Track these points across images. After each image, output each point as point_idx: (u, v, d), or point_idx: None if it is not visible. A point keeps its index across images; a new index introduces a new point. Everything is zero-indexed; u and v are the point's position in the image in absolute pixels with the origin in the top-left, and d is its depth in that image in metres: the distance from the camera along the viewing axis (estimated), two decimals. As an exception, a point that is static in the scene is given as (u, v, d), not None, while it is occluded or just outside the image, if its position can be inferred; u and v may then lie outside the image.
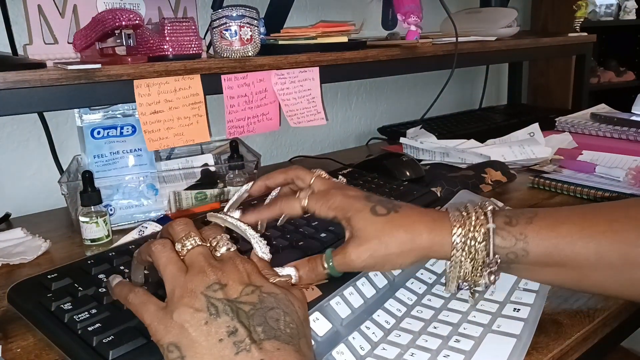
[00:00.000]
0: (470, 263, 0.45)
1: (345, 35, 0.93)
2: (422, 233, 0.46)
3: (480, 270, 0.46)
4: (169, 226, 0.43)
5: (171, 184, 0.80)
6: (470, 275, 0.46)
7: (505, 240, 0.45)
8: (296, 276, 0.47)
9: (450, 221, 0.46)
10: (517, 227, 0.45)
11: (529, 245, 0.45)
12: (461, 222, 0.46)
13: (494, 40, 1.18)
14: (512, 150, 0.97)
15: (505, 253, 0.45)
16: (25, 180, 0.88)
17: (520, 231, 0.45)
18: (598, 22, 2.25)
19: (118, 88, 0.70)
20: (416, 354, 0.42)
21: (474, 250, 0.45)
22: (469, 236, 0.45)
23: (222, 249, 0.41)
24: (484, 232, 0.45)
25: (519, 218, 0.46)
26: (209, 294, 0.37)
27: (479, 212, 0.46)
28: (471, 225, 0.45)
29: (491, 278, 0.45)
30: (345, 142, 1.30)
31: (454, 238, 0.45)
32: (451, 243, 0.45)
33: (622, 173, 0.82)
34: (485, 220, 0.45)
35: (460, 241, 0.45)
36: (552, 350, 0.43)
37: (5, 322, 0.51)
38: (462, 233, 0.45)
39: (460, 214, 0.46)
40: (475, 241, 0.45)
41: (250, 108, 0.84)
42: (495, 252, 0.45)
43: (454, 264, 0.46)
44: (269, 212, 0.52)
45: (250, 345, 0.34)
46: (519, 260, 0.45)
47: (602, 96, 1.97)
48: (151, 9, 0.84)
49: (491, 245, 0.45)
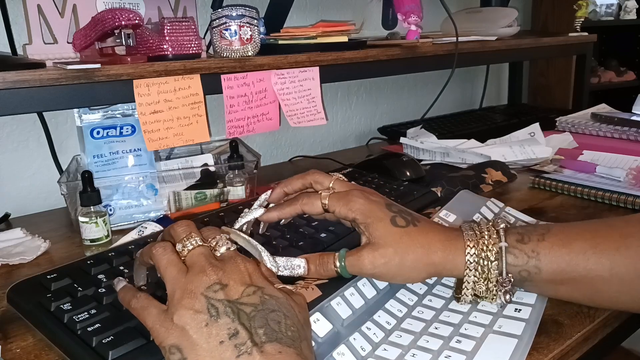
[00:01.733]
0: (484, 282, 0.46)
1: (345, 35, 0.93)
2: (437, 251, 0.46)
3: (494, 289, 0.46)
4: (171, 228, 0.43)
5: (171, 184, 0.80)
6: (483, 294, 0.46)
7: (518, 258, 0.45)
8: (305, 267, 0.47)
9: (464, 240, 0.46)
10: (529, 244, 0.45)
11: (541, 262, 0.45)
12: (475, 241, 0.46)
13: (494, 40, 1.17)
14: (512, 150, 0.97)
15: (517, 271, 0.45)
16: (25, 180, 0.88)
17: (532, 248, 0.45)
18: (598, 21, 2.25)
19: (117, 88, 0.70)
20: (417, 355, 0.41)
21: (487, 270, 0.45)
22: (482, 256, 0.45)
23: (222, 249, 0.41)
24: (496, 252, 0.45)
25: (531, 235, 0.46)
26: (209, 295, 0.37)
27: (491, 230, 0.46)
28: (484, 244, 0.46)
29: (506, 297, 0.45)
30: (345, 142, 1.30)
31: (467, 258, 0.45)
32: (464, 263, 0.46)
33: (623, 173, 0.82)
34: (498, 239, 0.46)
35: (473, 261, 0.45)
36: (553, 350, 0.43)
37: (4, 322, 0.50)
38: (476, 253, 0.45)
39: (474, 232, 0.47)
40: (488, 260, 0.45)
41: (250, 108, 0.84)
42: (508, 271, 0.45)
43: (467, 283, 0.46)
44: (291, 209, 0.52)
45: (251, 347, 0.34)
46: (531, 278, 0.46)
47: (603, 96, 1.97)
48: (151, 9, 0.84)
49: (504, 264, 0.45)
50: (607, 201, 0.75)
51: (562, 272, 0.45)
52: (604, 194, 0.75)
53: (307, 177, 0.54)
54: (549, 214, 0.72)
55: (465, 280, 0.46)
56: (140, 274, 0.47)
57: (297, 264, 0.47)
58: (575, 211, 0.74)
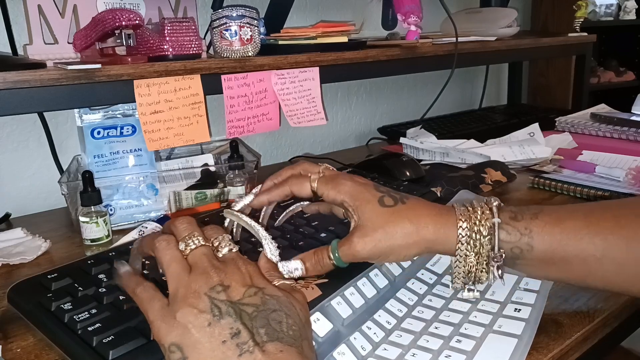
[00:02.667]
0: (475, 257, 0.46)
1: (345, 35, 0.93)
2: (427, 225, 0.46)
3: (485, 265, 0.46)
4: (172, 224, 0.43)
5: (171, 184, 0.80)
6: (475, 269, 0.46)
7: (510, 234, 0.45)
8: (303, 269, 0.47)
9: (456, 215, 0.46)
10: (522, 222, 0.45)
11: (533, 240, 0.45)
12: (467, 216, 0.46)
13: (494, 40, 1.18)
14: (512, 150, 0.97)
15: (510, 248, 0.45)
16: (25, 180, 0.88)
17: (525, 226, 0.45)
18: (598, 22, 2.25)
19: (118, 88, 0.70)
20: (417, 354, 0.42)
21: (479, 244, 0.45)
22: (475, 230, 0.45)
23: (224, 250, 0.41)
24: (489, 226, 0.45)
25: (524, 213, 0.46)
26: (212, 295, 0.37)
27: (484, 207, 0.46)
28: (477, 219, 0.45)
29: (499, 272, 0.45)
30: (345, 142, 1.30)
31: (459, 232, 0.45)
32: (456, 237, 0.45)
33: (622, 173, 0.82)
34: (491, 215, 0.46)
35: (465, 235, 0.45)
36: (552, 350, 0.43)
37: (5, 322, 0.51)
38: (468, 227, 0.45)
39: (466, 208, 0.47)
40: (480, 235, 0.45)
41: (250, 108, 0.84)
42: (500, 247, 0.45)
43: (459, 257, 0.46)
44: (279, 191, 0.52)
45: (253, 347, 0.34)
46: (523, 256, 0.45)
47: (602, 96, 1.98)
48: (151, 9, 0.84)
49: (496, 240, 0.45)
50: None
51: (554, 251, 0.44)
52: (603, 193, 0.75)
53: (296, 167, 0.54)
54: (549, 214, 0.72)
55: (457, 254, 0.46)
56: (136, 263, 0.47)
57: (294, 267, 0.47)
58: (574, 211, 0.74)
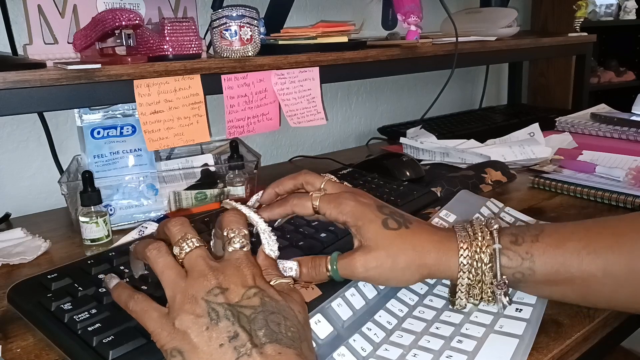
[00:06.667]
0: (478, 285, 0.46)
1: (345, 35, 0.93)
2: (430, 252, 0.46)
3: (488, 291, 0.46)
4: (164, 226, 0.43)
5: (171, 184, 0.80)
6: (478, 296, 0.46)
7: (512, 260, 0.45)
8: (297, 271, 0.47)
9: (457, 242, 0.46)
10: (523, 246, 0.45)
11: (535, 264, 0.45)
12: (468, 242, 0.46)
13: (494, 40, 1.18)
14: (512, 150, 0.97)
15: (511, 273, 0.45)
16: (25, 180, 0.88)
17: (526, 250, 0.45)
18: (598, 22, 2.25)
19: (118, 88, 0.70)
20: (418, 355, 0.41)
21: (481, 272, 0.45)
22: (476, 258, 0.45)
23: (236, 245, 0.41)
24: (490, 254, 0.45)
25: (525, 236, 0.46)
26: (209, 299, 0.37)
27: (485, 231, 0.46)
28: (477, 246, 0.45)
29: (506, 300, 0.45)
30: (345, 142, 1.30)
31: (460, 260, 0.45)
32: (458, 265, 0.45)
33: (622, 173, 0.82)
34: (492, 241, 0.45)
35: (467, 263, 0.45)
36: (552, 350, 0.43)
37: (5, 322, 0.50)
38: (469, 255, 0.45)
39: (467, 234, 0.46)
40: (481, 263, 0.45)
41: (250, 108, 0.84)
42: (502, 274, 0.45)
43: (461, 286, 0.46)
44: (281, 210, 0.51)
45: (251, 349, 0.34)
46: (525, 279, 0.45)
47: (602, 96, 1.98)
48: (151, 9, 0.84)
49: (498, 267, 0.45)
50: (606, 201, 0.75)
51: (556, 273, 0.44)
52: (603, 194, 0.75)
53: (298, 177, 0.53)
54: (549, 214, 0.73)
55: (459, 283, 0.46)
56: (138, 265, 0.46)
57: (289, 267, 0.47)
58: (574, 211, 0.74)
